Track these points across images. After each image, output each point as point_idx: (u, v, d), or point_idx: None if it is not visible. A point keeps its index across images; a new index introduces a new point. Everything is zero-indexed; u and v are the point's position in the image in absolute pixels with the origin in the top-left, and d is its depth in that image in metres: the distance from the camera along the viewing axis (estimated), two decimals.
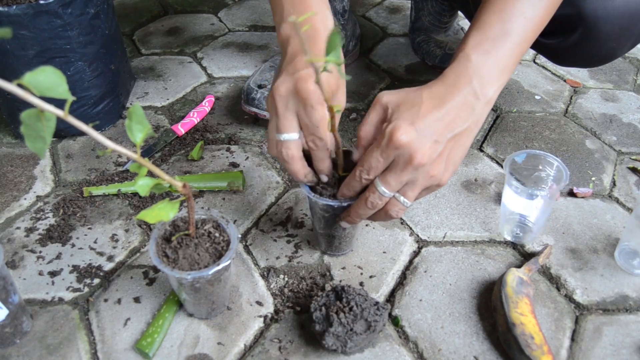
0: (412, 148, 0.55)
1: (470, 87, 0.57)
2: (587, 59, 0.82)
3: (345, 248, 0.76)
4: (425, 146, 0.55)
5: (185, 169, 0.91)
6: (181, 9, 1.46)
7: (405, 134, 0.54)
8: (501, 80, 0.59)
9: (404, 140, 0.54)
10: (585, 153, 0.96)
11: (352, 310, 0.62)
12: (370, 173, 0.58)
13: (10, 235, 0.79)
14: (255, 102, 0.95)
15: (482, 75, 0.58)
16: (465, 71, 0.58)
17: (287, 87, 0.59)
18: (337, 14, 1.07)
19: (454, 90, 0.57)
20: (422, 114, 0.55)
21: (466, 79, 0.58)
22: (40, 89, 0.38)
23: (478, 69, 0.58)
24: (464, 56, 0.59)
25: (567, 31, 0.77)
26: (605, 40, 0.76)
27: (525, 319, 0.63)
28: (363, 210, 0.61)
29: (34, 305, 0.69)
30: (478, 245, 0.79)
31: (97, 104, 0.97)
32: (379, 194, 0.59)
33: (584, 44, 0.77)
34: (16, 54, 0.84)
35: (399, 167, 0.56)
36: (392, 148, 0.55)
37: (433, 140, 0.55)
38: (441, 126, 0.56)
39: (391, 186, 0.58)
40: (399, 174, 0.57)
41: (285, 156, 0.61)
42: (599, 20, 0.73)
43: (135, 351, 0.64)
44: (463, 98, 0.57)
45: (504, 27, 0.59)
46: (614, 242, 0.79)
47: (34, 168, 0.91)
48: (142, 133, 0.47)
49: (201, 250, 0.60)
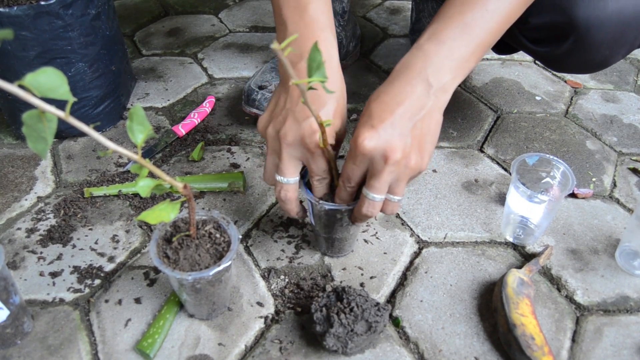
0: (381, 150, 0.56)
1: (420, 76, 0.58)
2: (581, 66, 0.81)
3: (347, 249, 0.76)
4: (392, 143, 0.56)
5: (185, 170, 0.92)
6: (182, 9, 1.46)
7: (368, 140, 0.56)
8: (457, 71, 0.60)
9: (369, 145, 0.56)
10: (585, 154, 0.96)
11: (353, 311, 0.62)
12: (351, 182, 0.61)
13: (11, 236, 0.79)
14: (255, 103, 0.95)
15: (433, 63, 0.58)
16: (415, 61, 0.59)
17: (294, 137, 0.60)
18: (337, 15, 1.07)
19: (403, 83, 0.58)
20: (375, 115, 0.57)
21: (417, 68, 0.59)
22: (41, 90, 0.38)
23: (429, 57, 0.59)
24: (417, 47, 0.60)
25: (560, 39, 0.77)
26: (598, 48, 0.75)
27: (526, 320, 0.63)
28: (361, 217, 0.64)
29: (34, 306, 0.69)
30: (479, 246, 0.79)
31: (97, 105, 0.97)
32: (369, 200, 0.61)
33: (576, 51, 0.76)
34: (17, 54, 0.84)
35: (377, 170, 0.58)
36: (361, 156, 0.58)
37: (397, 135, 0.57)
38: (399, 120, 0.57)
39: (378, 190, 0.59)
40: (379, 177, 0.58)
41: (284, 197, 0.65)
42: (591, 29, 0.72)
43: (136, 352, 0.64)
44: (413, 88, 0.58)
45: (462, 19, 0.59)
46: (614, 242, 0.79)
47: (34, 169, 0.91)
48: (143, 134, 0.47)
49: (202, 251, 0.60)
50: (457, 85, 0.61)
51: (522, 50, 0.88)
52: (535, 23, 0.77)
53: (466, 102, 1.09)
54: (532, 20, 0.76)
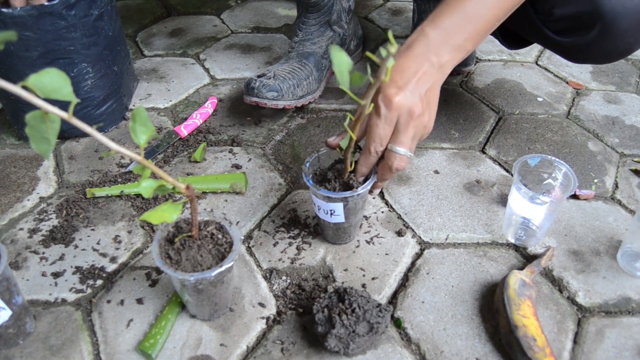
0: (408, 105, 0.64)
1: (424, 56, 0.66)
2: (605, 55, 0.83)
3: (354, 236, 0.78)
4: (416, 100, 0.64)
5: (187, 171, 0.92)
6: (184, 10, 1.46)
7: (397, 96, 0.63)
8: (455, 53, 0.67)
9: (401, 100, 0.63)
10: (587, 155, 0.96)
11: (355, 312, 0.62)
12: (383, 142, 0.66)
13: (14, 236, 0.79)
14: (255, 91, 0.95)
15: (433, 48, 0.67)
16: (419, 45, 0.67)
17: None
18: (344, 12, 1.07)
19: (412, 59, 0.66)
20: (398, 79, 0.65)
21: (420, 51, 0.67)
22: (44, 91, 0.38)
23: (430, 43, 0.67)
24: (420, 31, 0.68)
25: (585, 28, 0.78)
26: (623, 36, 0.77)
27: (527, 321, 0.63)
28: (389, 175, 0.69)
29: (37, 306, 0.69)
30: (480, 247, 0.78)
31: (100, 105, 0.97)
32: (400, 156, 0.66)
33: (602, 40, 0.78)
34: (20, 55, 0.84)
35: (404, 125, 0.65)
36: (393, 110, 0.64)
37: (417, 95, 0.65)
38: (416, 84, 0.65)
39: (407, 145, 0.66)
40: (406, 132, 0.65)
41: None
42: (617, 17, 0.74)
43: (138, 352, 0.64)
44: (420, 64, 0.66)
45: (460, 5, 0.67)
46: (616, 244, 0.79)
47: (37, 169, 0.91)
48: (146, 135, 0.47)
49: (204, 252, 0.61)
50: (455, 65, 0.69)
51: (540, 44, 0.89)
52: (560, 14, 0.79)
53: (468, 103, 1.09)
54: (557, 11, 0.79)
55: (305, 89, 1.00)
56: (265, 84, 0.95)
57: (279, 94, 0.95)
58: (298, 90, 0.98)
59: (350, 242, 0.78)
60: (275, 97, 0.95)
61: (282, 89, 0.96)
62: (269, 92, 0.95)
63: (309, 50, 1.04)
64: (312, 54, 1.04)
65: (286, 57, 1.05)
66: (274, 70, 0.99)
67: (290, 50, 1.06)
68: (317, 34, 1.05)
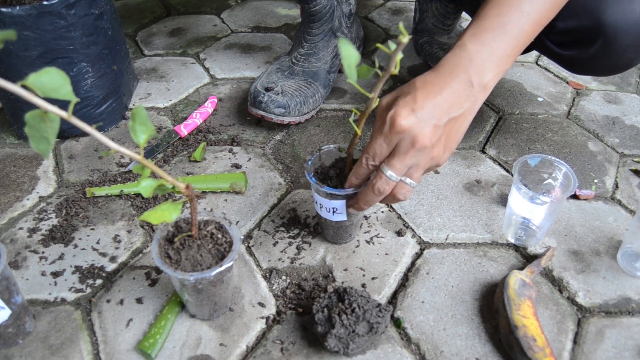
0: (413, 132, 0.58)
1: (465, 74, 0.61)
2: (605, 69, 0.83)
3: (354, 235, 0.78)
4: (425, 130, 0.59)
5: (187, 170, 0.92)
6: (184, 10, 1.46)
7: (405, 119, 0.58)
8: (497, 70, 0.62)
9: (406, 125, 0.58)
10: (587, 155, 0.96)
11: (355, 312, 0.62)
12: (375, 159, 0.62)
13: (13, 235, 0.79)
14: (262, 105, 0.95)
15: (476, 64, 0.61)
16: (461, 60, 0.61)
17: None
18: (344, 17, 1.07)
19: (449, 78, 0.61)
20: (419, 100, 0.59)
21: (461, 67, 0.61)
22: (44, 90, 0.38)
23: (473, 58, 0.61)
24: (460, 45, 0.63)
25: (587, 42, 0.78)
26: (624, 51, 0.76)
27: (527, 322, 0.63)
28: (371, 197, 0.64)
29: (36, 305, 0.69)
30: (480, 247, 0.78)
31: (100, 105, 0.97)
32: (386, 178, 0.62)
33: (603, 55, 0.78)
34: (19, 54, 0.84)
35: (402, 151, 0.60)
36: (394, 133, 0.59)
37: (432, 124, 0.59)
38: (438, 111, 0.59)
39: (397, 170, 0.61)
40: (403, 158, 0.60)
41: None
42: (619, 32, 0.74)
43: (137, 352, 0.64)
44: (458, 85, 0.60)
45: (500, 20, 0.62)
46: (616, 244, 0.79)
47: (36, 168, 0.91)
48: (146, 134, 0.47)
49: (204, 252, 0.60)
50: None
51: (544, 54, 0.89)
52: (563, 27, 0.78)
53: None
54: (559, 24, 0.78)
55: (312, 105, 1.01)
56: (274, 100, 0.95)
57: (287, 111, 0.96)
58: (304, 107, 0.99)
59: (350, 242, 0.78)
60: (283, 113, 0.95)
61: (290, 106, 0.96)
62: (276, 108, 0.95)
63: (314, 70, 1.03)
64: (318, 72, 1.03)
65: (290, 70, 1.03)
66: (281, 85, 0.98)
67: (294, 62, 1.04)
68: (322, 44, 1.04)
